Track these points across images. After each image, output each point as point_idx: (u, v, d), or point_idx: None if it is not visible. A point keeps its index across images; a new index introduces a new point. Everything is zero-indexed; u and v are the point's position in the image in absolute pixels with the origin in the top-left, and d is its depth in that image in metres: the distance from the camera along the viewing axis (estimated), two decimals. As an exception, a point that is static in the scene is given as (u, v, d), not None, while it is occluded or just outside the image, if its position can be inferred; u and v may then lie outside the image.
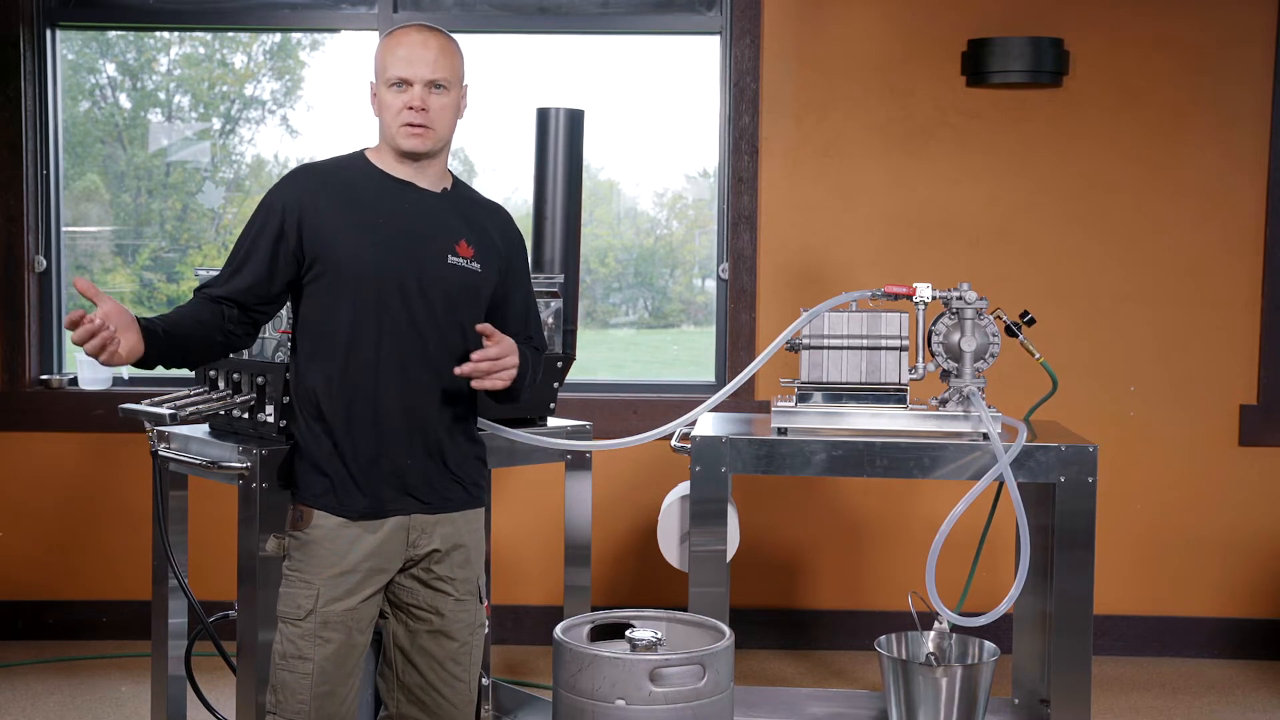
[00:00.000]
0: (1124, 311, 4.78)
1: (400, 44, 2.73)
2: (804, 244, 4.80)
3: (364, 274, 2.68)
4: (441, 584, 2.78)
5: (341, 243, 2.69)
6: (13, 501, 4.87)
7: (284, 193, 2.73)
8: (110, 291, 5.15)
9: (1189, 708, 4.33)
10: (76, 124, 5.13)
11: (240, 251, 2.73)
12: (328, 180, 2.75)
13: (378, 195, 2.74)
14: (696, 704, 2.79)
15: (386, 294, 2.69)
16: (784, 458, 3.32)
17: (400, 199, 2.75)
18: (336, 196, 2.72)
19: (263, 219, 2.72)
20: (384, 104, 2.74)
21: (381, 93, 2.74)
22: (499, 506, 4.68)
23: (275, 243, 2.70)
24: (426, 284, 2.72)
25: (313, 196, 2.71)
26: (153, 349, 2.57)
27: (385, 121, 2.75)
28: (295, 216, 2.69)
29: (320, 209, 2.70)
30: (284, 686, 2.70)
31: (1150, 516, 4.82)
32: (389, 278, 2.69)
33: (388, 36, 2.77)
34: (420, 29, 2.76)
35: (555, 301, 3.60)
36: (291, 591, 2.71)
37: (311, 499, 2.71)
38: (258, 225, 2.73)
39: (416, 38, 2.73)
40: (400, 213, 2.74)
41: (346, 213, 2.71)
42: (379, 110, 2.76)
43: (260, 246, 2.71)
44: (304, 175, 2.77)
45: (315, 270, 2.70)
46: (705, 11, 4.87)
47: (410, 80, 2.70)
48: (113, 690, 4.35)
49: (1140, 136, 4.75)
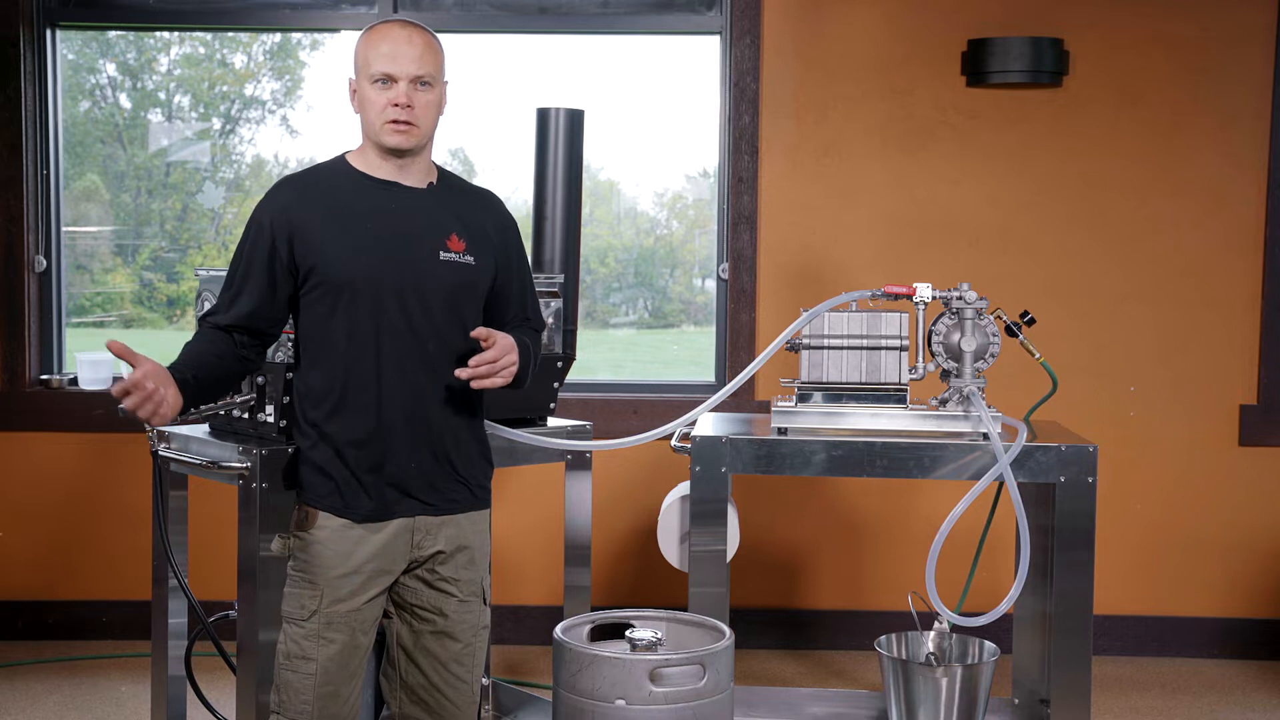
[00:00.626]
0: (1124, 311, 4.78)
1: (384, 39, 2.69)
2: (804, 244, 4.80)
3: (357, 281, 2.67)
4: (446, 585, 2.78)
5: (332, 253, 2.67)
6: (13, 501, 4.87)
7: (270, 210, 2.71)
8: (110, 291, 5.15)
9: (1189, 708, 4.33)
10: (76, 124, 5.13)
11: (237, 276, 2.72)
12: (311, 190, 2.72)
13: (363, 200, 2.72)
14: (696, 704, 2.79)
15: (382, 299, 2.68)
16: (784, 458, 3.32)
17: (386, 201, 2.73)
18: (322, 206, 2.70)
19: (253, 240, 2.71)
20: (366, 100, 2.70)
21: (364, 89, 2.71)
22: (499, 506, 4.68)
23: (270, 262, 2.69)
24: (421, 284, 2.71)
25: (299, 209, 2.69)
26: (188, 398, 2.60)
27: (368, 119, 2.72)
28: (285, 232, 2.68)
29: (307, 221, 2.68)
30: (287, 686, 2.71)
31: (1150, 516, 4.82)
32: (383, 282, 2.68)
33: (369, 32, 2.74)
34: (403, 25, 2.72)
35: (555, 301, 3.60)
36: (296, 592, 2.71)
37: (315, 500, 2.71)
38: (249, 246, 2.71)
39: (400, 34, 2.70)
40: (387, 215, 2.72)
41: (333, 222, 2.69)
42: (360, 107, 2.73)
43: (256, 268, 2.70)
44: (287, 189, 2.74)
45: (310, 282, 2.69)
46: (705, 11, 4.87)
47: (395, 76, 2.68)
48: (113, 690, 4.35)
49: (1140, 136, 4.75)
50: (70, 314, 5.05)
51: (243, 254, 2.72)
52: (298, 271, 2.70)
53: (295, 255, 2.68)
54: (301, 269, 2.69)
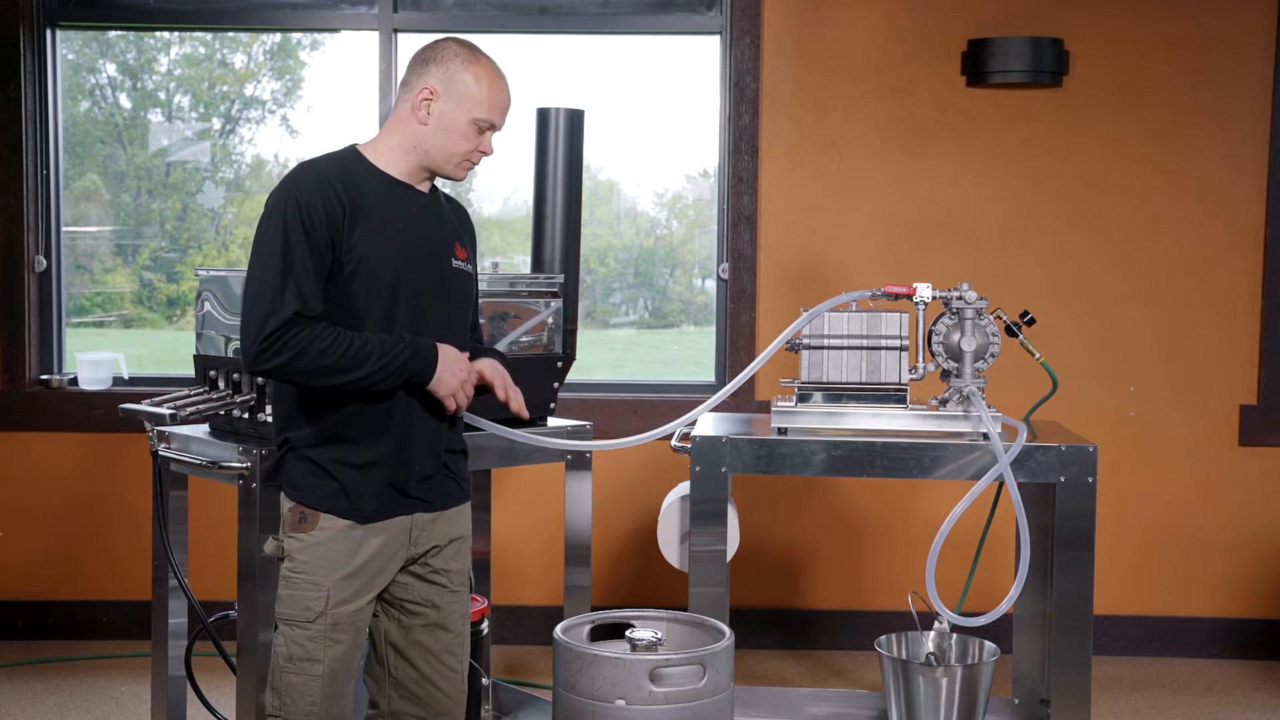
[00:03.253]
0: (1124, 311, 4.78)
1: (501, 91, 2.73)
2: (804, 244, 4.80)
3: (387, 279, 2.64)
4: (438, 577, 2.80)
5: (374, 248, 2.62)
6: (13, 501, 4.87)
7: (317, 195, 2.58)
8: (110, 291, 5.15)
9: (1189, 708, 4.33)
10: (76, 124, 5.13)
11: (296, 262, 2.55)
12: (340, 181, 2.63)
13: (390, 199, 2.69)
14: (696, 704, 2.79)
15: (416, 299, 2.68)
16: (784, 458, 3.32)
17: (408, 203, 2.72)
18: (360, 199, 2.63)
19: (305, 225, 2.56)
20: (455, 131, 2.68)
21: (457, 120, 2.67)
22: (499, 506, 4.68)
23: (325, 249, 2.58)
24: (441, 288, 2.74)
25: (346, 196, 2.61)
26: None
27: (446, 145, 2.68)
28: (339, 218, 2.59)
29: (352, 211, 2.61)
30: (291, 689, 2.68)
31: (1150, 516, 4.82)
32: (415, 283, 2.68)
33: (484, 69, 2.71)
34: (502, 73, 2.76)
35: (555, 301, 3.60)
36: (297, 594, 2.69)
37: (317, 502, 2.68)
38: (295, 230, 2.56)
39: (505, 84, 2.75)
40: (412, 217, 2.71)
41: (366, 216, 2.63)
42: (439, 128, 2.67)
43: (316, 255, 2.57)
44: (325, 175, 2.63)
45: (346, 273, 2.61)
46: (705, 11, 4.87)
47: (496, 127, 2.73)
48: (113, 690, 4.35)
49: (1140, 136, 4.75)
50: (70, 314, 5.05)
51: (295, 242, 2.55)
52: (336, 259, 2.60)
53: (342, 243, 2.59)
54: (341, 257, 2.59)
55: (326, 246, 2.58)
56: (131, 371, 4.94)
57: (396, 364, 2.61)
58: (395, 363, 2.61)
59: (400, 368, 2.62)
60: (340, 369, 2.57)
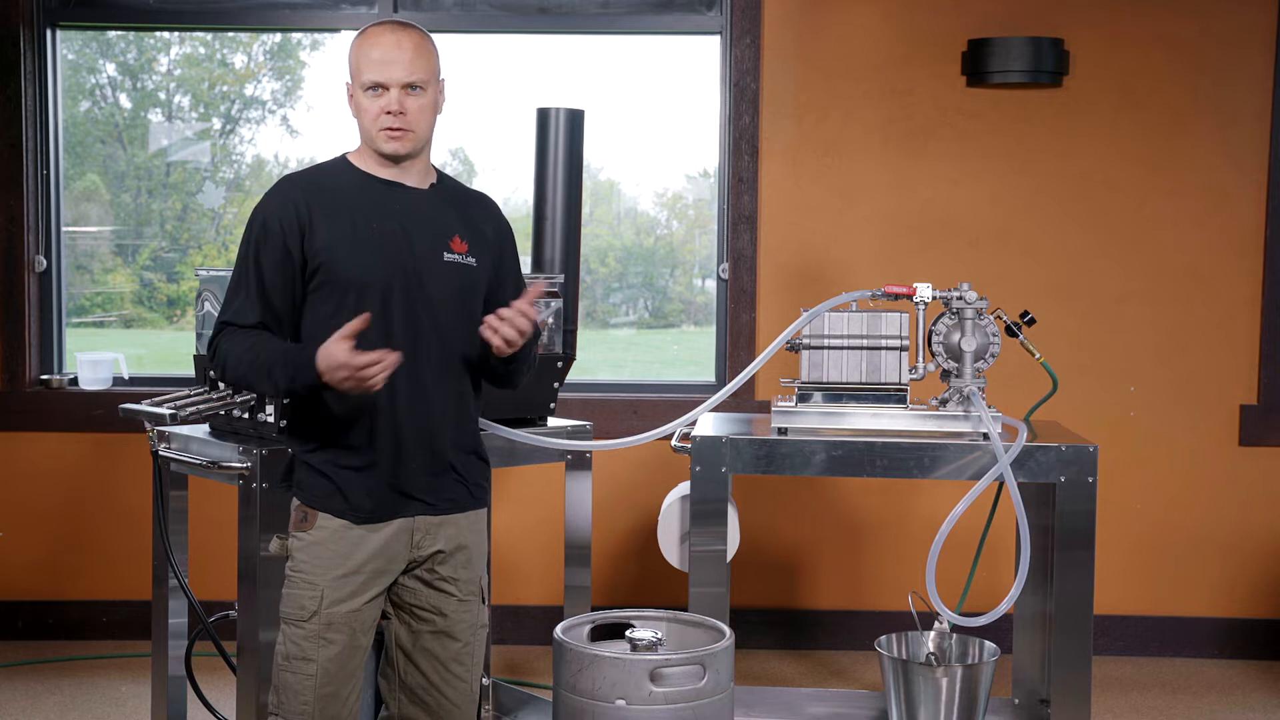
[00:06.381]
0: (1124, 311, 4.78)
1: (374, 46, 2.68)
2: (804, 244, 4.80)
3: (363, 281, 2.66)
4: (445, 584, 2.78)
5: (339, 252, 2.66)
6: (13, 501, 4.87)
7: (277, 208, 2.68)
8: (110, 291, 5.15)
9: (1189, 708, 4.33)
10: (76, 124, 5.13)
11: (247, 278, 2.68)
12: (316, 189, 2.71)
13: (367, 200, 2.71)
14: (696, 704, 2.79)
15: (387, 299, 2.68)
16: (784, 458, 3.32)
17: (390, 201, 2.73)
18: (327, 205, 2.69)
19: (259, 239, 2.67)
20: (361, 107, 2.70)
21: (358, 96, 2.71)
22: (499, 506, 4.68)
23: (283, 261, 2.66)
24: (426, 285, 2.71)
25: (307, 206, 2.67)
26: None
27: (364, 125, 2.72)
28: (295, 229, 2.66)
29: (314, 219, 2.67)
30: (286, 688, 2.70)
31: (1150, 516, 4.82)
32: (390, 283, 2.68)
33: (360, 36, 2.73)
34: (393, 27, 2.71)
35: (555, 301, 3.60)
36: (295, 593, 2.70)
37: (315, 501, 2.70)
38: (255, 248, 2.68)
39: (390, 39, 2.68)
40: (392, 215, 2.71)
41: (340, 221, 2.68)
42: (356, 113, 2.73)
43: (267, 268, 2.66)
44: (291, 186, 2.72)
45: (316, 281, 2.68)
46: (705, 11, 4.87)
47: (386, 84, 2.67)
48: (113, 690, 4.35)
49: (1140, 136, 4.75)
50: (70, 314, 5.05)
51: (249, 256, 2.69)
52: (306, 269, 2.68)
53: (305, 253, 2.66)
54: (310, 266, 2.67)
55: (285, 259, 2.66)
56: (131, 371, 4.94)
57: (286, 375, 2.62)
58: (286, 374, 2.62)
59: (291, 378, 2.62)
60: (252, 380, 2.68)
